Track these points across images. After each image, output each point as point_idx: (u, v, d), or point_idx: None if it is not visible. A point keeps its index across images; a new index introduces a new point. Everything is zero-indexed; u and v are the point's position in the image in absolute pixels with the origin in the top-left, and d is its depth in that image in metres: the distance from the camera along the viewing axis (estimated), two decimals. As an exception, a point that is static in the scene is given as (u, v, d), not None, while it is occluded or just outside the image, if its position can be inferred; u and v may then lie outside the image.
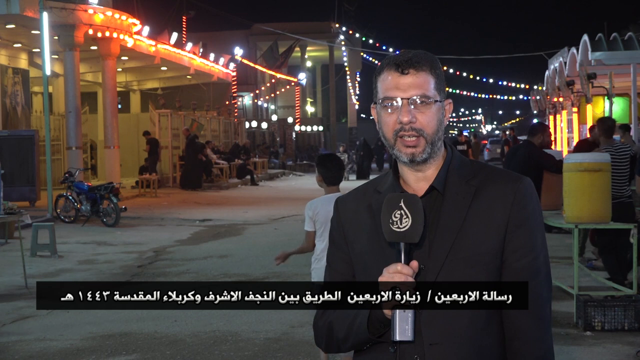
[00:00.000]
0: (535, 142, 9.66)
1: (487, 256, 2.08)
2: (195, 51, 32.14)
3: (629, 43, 18.42)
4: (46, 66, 18.74)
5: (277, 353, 6.98)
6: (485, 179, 2.14)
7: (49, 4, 19.93)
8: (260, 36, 48.96)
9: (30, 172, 19.03)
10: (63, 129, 23.70)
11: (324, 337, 2.22)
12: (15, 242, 12.85)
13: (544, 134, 9.80)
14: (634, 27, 28.84)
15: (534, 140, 9.67)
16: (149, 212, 19.40)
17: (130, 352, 7.11)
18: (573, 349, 6.87)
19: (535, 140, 9.67)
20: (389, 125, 2.12)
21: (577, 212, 8.02)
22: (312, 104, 63.34)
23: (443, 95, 2.15)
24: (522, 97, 61.43)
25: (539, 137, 9.72)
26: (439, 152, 2.16)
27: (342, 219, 2.27)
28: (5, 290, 10.01)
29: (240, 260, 11.97)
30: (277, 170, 37.73)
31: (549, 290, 2.16)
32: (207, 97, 36.97)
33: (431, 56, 2.14)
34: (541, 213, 2.18)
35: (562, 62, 23.51)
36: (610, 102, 20.04)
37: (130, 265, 11.84)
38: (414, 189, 2.16)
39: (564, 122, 27.12)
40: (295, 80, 51.15)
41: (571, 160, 8.29)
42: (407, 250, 2.02)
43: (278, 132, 48.33)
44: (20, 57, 24.79)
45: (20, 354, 7.12)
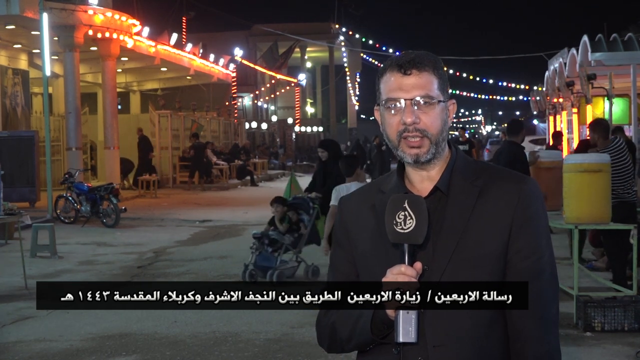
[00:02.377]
0: (517, 141, 9.94)
1: (491, 257, 2.08)
2: (195, 52, 32.14)
3: (628, 44, 18.40)
4: (46, 67, 18.74)
5: (277, 354, 6.98)
6: (490, 180, 2.14)
7: (49, 4, 19.93)
8: (260, 37, 49.00)
9: (30, 173, 19.02)
10: (63, 130, 23.69)
11: (327, 337, 2.21)
12: (15, 242, 12.85)
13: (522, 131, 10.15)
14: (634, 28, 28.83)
15: (515, 139, 9.96)
16: (149, 212, 19.40)
17: (130, 353, 7.10)
18: (573, 350, 6.87)
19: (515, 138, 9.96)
20: (392, 127, 2.12)
21: (576, 213, 8.03)
22: (312, 104, 63.37)
23: (446, 96, 2.15)
24: (522, 98, 61.46)
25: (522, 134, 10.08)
26: (443, 153, 2.15)
27: (345, 219, 2.26)
28: (5, 290, 10.01)
29: (241, 261, 11.93)
30: (277, 171, 37.73)
31: (555, 291, 2.15)
32: (207, 98, 36.96)
33: (434, 56, 2.14)
34: (546, 213, 2.18)
35: (562, 62, 23.49)
36: (610, 103, 20.02)
37: (130, 266, 11.83)
38: (418, 189, 2.16)
39: (563, 122, 27.11)
40: (295, 81, 51.17)
41: (571, 161, 8.30)
42: (411, 251, 2.01)
43: (278, 133, 48.35)
44: (20, 57, 24.78)
45: (20, 354, 7.12)
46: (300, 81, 51.77)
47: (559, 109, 27.57)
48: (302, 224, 10.49)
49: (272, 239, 10.30)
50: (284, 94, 53.93)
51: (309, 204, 10.58)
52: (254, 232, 10.59)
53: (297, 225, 10.44)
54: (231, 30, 48.69)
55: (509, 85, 52.74)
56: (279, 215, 10.44)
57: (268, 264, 10.19)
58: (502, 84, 52.63)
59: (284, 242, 10.26)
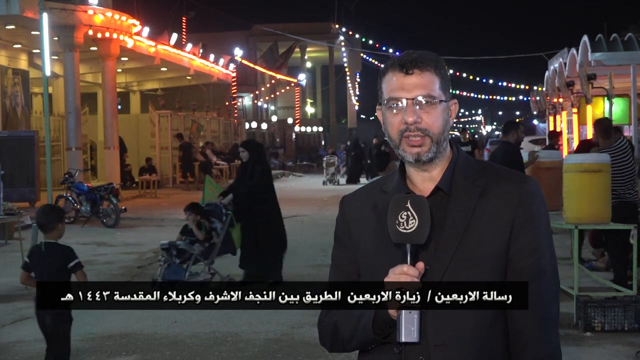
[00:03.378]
0: (510, 140, 10.09)
1: (493, 256, 2.08)
2: (195, 52, 32.14)
3: (628, 44, 18.41)
4: (46, 67, 18.72)
5: (277, 354, 6.97)
6: (491, 179, 2.14)
7: (49, 4, 19.93)
8: (260, 37, 48.98)
9: (30, 172, 19.02)
10: (63, 130, 23.70)
11: (329, 336, 2.22)
12: (15, 242, 12.85)
13: (517, 131, 10.19)
14: (634, 28, 28.83)
15: (508, 139, 10.10)
16: (149, 212, 19.40)
17: (130, 353, 7.10)
18: (573, 350, 6.87)
19: (509, 138, 10.09)
20: (394, 126, 2.12)
21: (576, 213, 8.03)
22: (312, 104, 63.36)
23: (448, 95, 2.15)
24: (522, 98, 61.44)
25: (512, 134, 10.15)
26: (445, 152, 2.15)
27: (347, 218, 2.27)
28: (5, 290, 10.01)
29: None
30: (277, 171, 37.72)
31: (556, 291, 2.16)
32: (207, 98, 36.97)
33: (435, 56, 2.14)
34: (547, 213, 2.18)
35: (562, 62, 23.50)
36: (610, 103, 20.04)
37: (130, 266, 11.83)
38: (420, 189, 2.16)
39: (563, 122, 27.12)
40: (295, 81, 51.16)
41: (571, 161, 8.30)
42: (413, 251, 2.02)
43: (278, 133, 48.34)
44: (20, 57, 24.79)
45: (20, 354, 7.12)
46: (300, 81, 51.76)
47: (559, 109, 27.58)
48: (214, 233, 9.70)
49: (180, 249, 9.44)
50: (284, 94, 53.93)
51: (221, 210, 9.83)
52: (162, 243, 9.76)
53: (210, 234, 9.66)
54: (231, 30, 48.67)
55: (509, 85, 52.74)
56: (193, 223, 9.61)
57: (176, 277, 9.37)
58: (502, 84, 52.64)
59: (193, 253, 9.43)
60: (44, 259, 5.80)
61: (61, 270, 5.77)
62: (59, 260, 5.79)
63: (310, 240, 14.02)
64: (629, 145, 9.42)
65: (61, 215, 6.06)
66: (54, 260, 5.78)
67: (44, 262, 5.79)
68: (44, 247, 5.82)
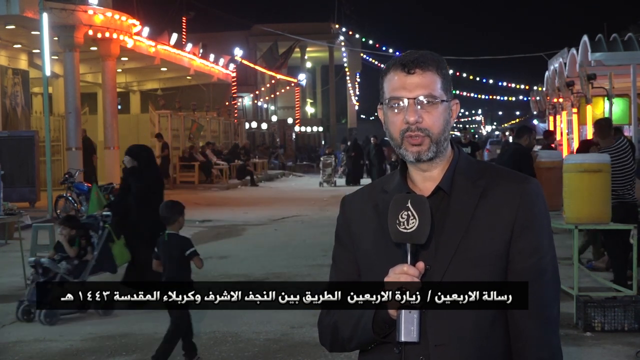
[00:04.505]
0: (523, 144, 10.24)
1: (493, 257, 2.08)
2: (195, 52, 32.15)
3: (628, 44, 18.41)
4: (46, 67, 18.74)
5: (277, 354, 6.97)
6: (492, 180, 2.14)
7: (49, 4, 19.93)
8: (260, 37, 48.97)
9: (30, 172, 19.02)
10: (63, 130, 23.70)
11: (329, 336, 2.22)
12: (15, 242, 12.84)
13: (530, 136, 10.37)
14: (634, 28, 28.82)
15: (520, 142, 10.27)
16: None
17: (130, 353, 7.11)
18: (573, 350, 6.87)
19: (522, 142, 10.25)
20: (395, 125, 2.12)
21: (576, 213, 8.03)
22: (312, 104, 63.35)
23: (450, 95, 2.15)
24: (522, 98, 61.48)
25: (525, 139, 10.31)
26: (445, 152, 2.15)
27: (348, 218, 2.27)
28: (5, 290, 10.01)
29: (240, 261, 11.96)
30: (277, 171, 37.72)
31: (556, 292, 2.16)
32: (207, 98, 36.98)
33: (437, 56, 2.14)
34: (548, 214, 2.18)
35: (562, 62, 23.51)
36: (610, 103, 20.04)
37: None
38: (421, 189, 2.16)
39: (563, 122, 27.12)
40: (295, 81, 51.16)
41: (571, 161, 8.30)
42: (414, 251, 2.02)
43: (278, 133, 48.32)
44: (20, 57, 24.79)
45: (20, 354, 7.12)
46: (300, 81, 51.75)
47: (559, 109, 27.59)
48: (89, 249, 8.78)
49: (45, 267, 8.44)
50: (284, 94, 53.92)
51: (99, 223, 8.96)
52: (30, 260, 8.82)
53: (85, 250, 8.72)
54: (231, 30, 48.67)
55: (509, 85, 52.75)
56: (64, 238, 8.63)
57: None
58: (502, 84, 52.64)
59: (58, 272, 8.42)
60: (167, 247, 6.59)
61: (181, 256, 6.56)
62: (179, 248, 6.58)
63: (310, 240, 14.02)
64: (629, 145, 9.41)
65: (182, 210, 6.86)
66: (175, 248, 6.58)
67: (167, 250, 6.58)
68: (166, 237, 6.63)
